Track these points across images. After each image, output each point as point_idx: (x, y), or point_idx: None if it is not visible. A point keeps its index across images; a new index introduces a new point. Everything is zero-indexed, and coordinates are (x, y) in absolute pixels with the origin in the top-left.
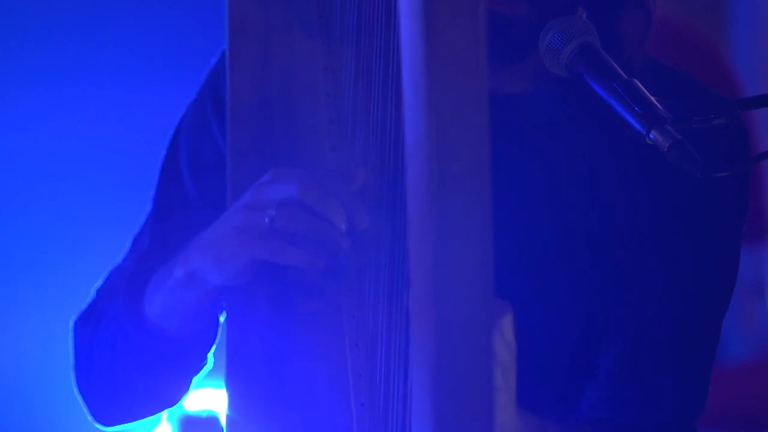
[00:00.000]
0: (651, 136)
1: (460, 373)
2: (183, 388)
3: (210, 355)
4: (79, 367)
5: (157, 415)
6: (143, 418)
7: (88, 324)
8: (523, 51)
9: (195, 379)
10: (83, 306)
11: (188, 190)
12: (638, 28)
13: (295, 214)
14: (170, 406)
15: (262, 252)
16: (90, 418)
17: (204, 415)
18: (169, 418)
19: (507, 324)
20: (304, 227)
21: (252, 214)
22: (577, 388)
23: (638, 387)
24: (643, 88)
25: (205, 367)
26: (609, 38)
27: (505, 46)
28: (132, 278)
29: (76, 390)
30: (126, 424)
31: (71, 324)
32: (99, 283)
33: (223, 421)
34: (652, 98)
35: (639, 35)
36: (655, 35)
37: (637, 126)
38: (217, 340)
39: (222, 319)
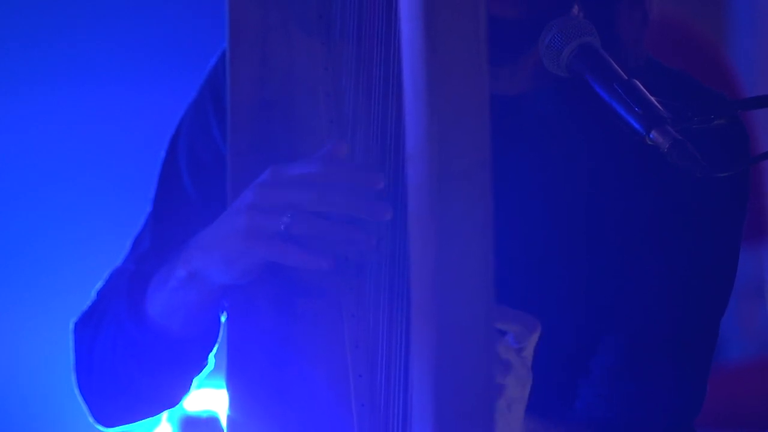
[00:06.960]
0: (651, 136)
1: (460, 373)
2: (184, 388)
3: (211, 356)
4: (80, 369)
5: (157, 415)
6: (144, 418)
7: (89, 325)
8: (517, 51)
9: (196, 380)
10: (84, 307)
11: (188, 190)
12: (634, 26)
13: (318, 223)
14: (171, 407)
15: (271, 254)
16: (91, 419)
17: (204, 415)
18: (170, 419)
19: (533, 341)
20: (328, 235)
21: (259, 217)
22: (576, 388)
23: (635, 386)
24: (643, 89)
25: (205, 368)
26: (605, 36)
27: (499, 46)
28: (133, 279)
29: (77, 391)
30: (127, 425)
31: (71, 325)
32: (99, 284)
33: (223, 422)
34: (652, 99)
35: (635, 33)
36: (655, 35)
37: (638, 126)
38: (218, 341)
39: (223, 319)
